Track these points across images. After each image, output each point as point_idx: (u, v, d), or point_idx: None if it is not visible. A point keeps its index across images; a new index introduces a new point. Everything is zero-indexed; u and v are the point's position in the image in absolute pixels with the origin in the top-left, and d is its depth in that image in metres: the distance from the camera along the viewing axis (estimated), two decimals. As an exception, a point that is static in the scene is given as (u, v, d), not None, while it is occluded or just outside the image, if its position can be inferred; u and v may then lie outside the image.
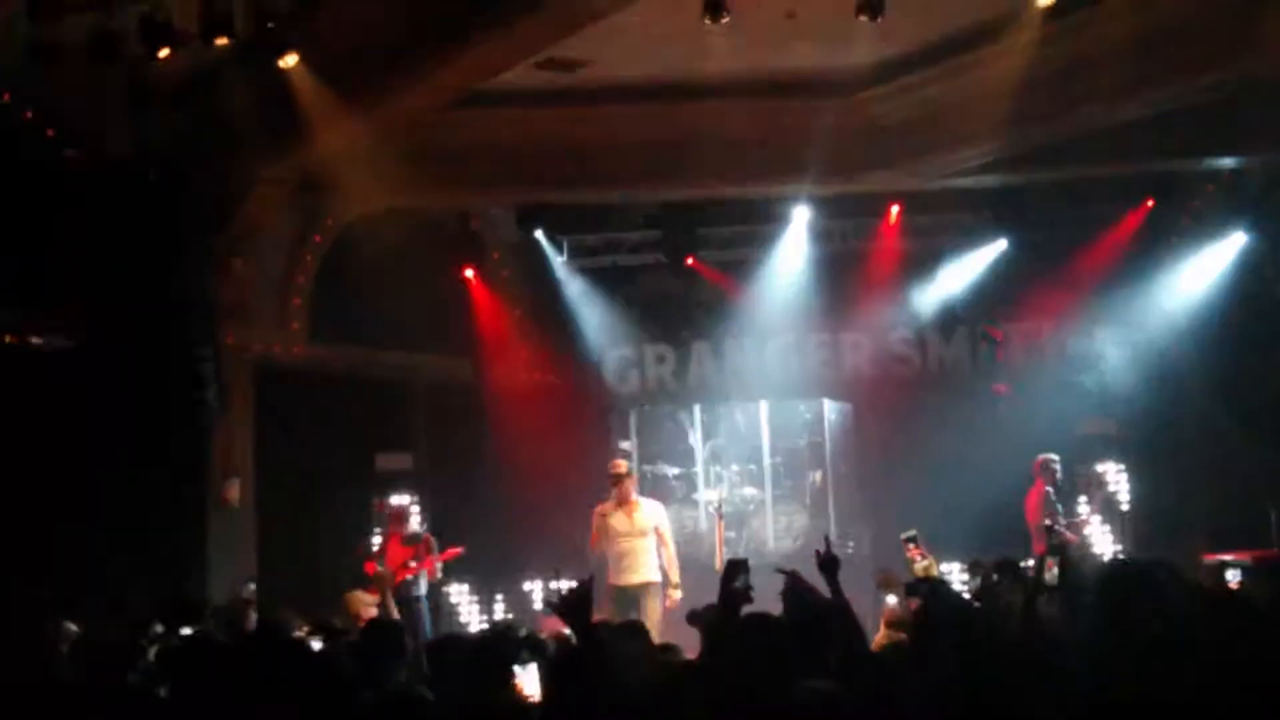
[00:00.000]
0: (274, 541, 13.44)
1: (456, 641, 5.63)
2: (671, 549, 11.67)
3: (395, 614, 12.07)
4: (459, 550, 12.83)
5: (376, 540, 13.77)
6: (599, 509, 11.77)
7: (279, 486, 13.64)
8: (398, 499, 14.19)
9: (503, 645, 5.26)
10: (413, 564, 12.38)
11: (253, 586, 10.99)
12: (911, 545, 10.21)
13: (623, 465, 12.21)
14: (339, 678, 5.07)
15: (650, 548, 11.54)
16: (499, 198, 15.20)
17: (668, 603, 11.27)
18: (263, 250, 13.74)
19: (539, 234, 15.64)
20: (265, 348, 13.88)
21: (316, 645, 7.83)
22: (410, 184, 13.26)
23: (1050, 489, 12.70)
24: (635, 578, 11.36)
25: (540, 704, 4.72)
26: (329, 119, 11.24)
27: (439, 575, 12.94)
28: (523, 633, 6.79)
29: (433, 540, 12.80)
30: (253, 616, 10.37)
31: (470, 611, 14.50)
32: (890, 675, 4.83)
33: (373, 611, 10.71)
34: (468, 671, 4.79)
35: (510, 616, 14.03)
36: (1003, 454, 13.04)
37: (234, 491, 13.20)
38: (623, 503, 11.60)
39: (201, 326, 12.79)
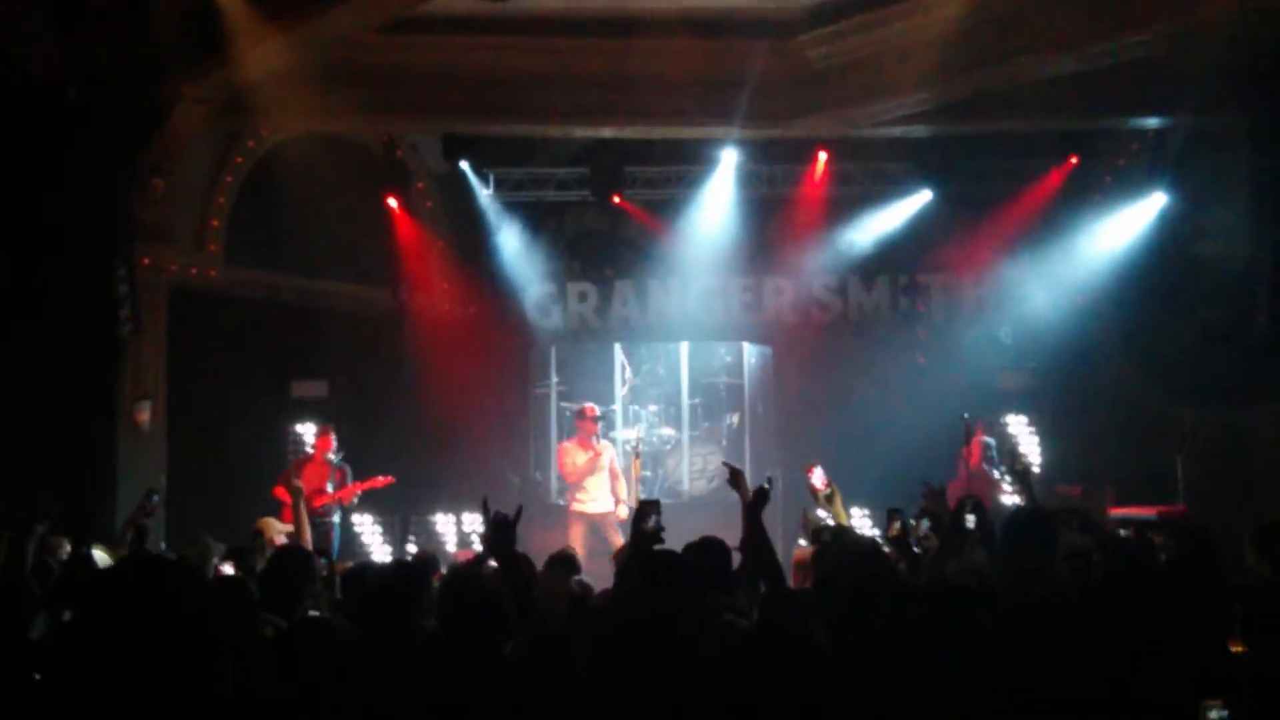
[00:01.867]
0: (186, 466, 13.28)
1: (373, 568, 5.60)
2: (622, 480, 12.92)
3: (308, 537, 12.04)
4: (389, 480, 12.83)
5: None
6: (563, 444, 13.41)
7: (192, 411, 13.45)
8: (311, 426, 14.13)
9: (418, 572, 5.23)
10: (330, 489, 12.37)
11: (156, 498, 10.80)
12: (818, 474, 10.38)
13: (588, 410, 13.23)
14: (246, 604, 5.02)
15: (606, 481, 12.83)
16: (425, 126, 15.00)
17: (614, 517, 12.50)
18: (183, 171, 13.44)
19: (465, 166, 15.47)
20: (182, 269, 13.62)
21: (229, 570, 7.78)
22: (334, 108, 13.05)
23: (990, 440, 12.91)
24: (595, 506, 12.68)
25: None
26: (253, 38, 11.04)
27: (354, 502, 12.94)
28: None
29: (347, 468, 12.78)
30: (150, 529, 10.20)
31: (377, 541, 14.41)
32: (802, 615, 4.87)
33: (284, 539, 10.61)
34: (383, 597, 4.77)
35: (421, 547, 13.97)
36: (918, 403, 13.21)
37: (145, 414, 12.98)
38: (584, 441, 12.97)
39: (118, 246, 12.53)
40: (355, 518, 14.12)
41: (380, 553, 14.21)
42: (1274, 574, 7.20)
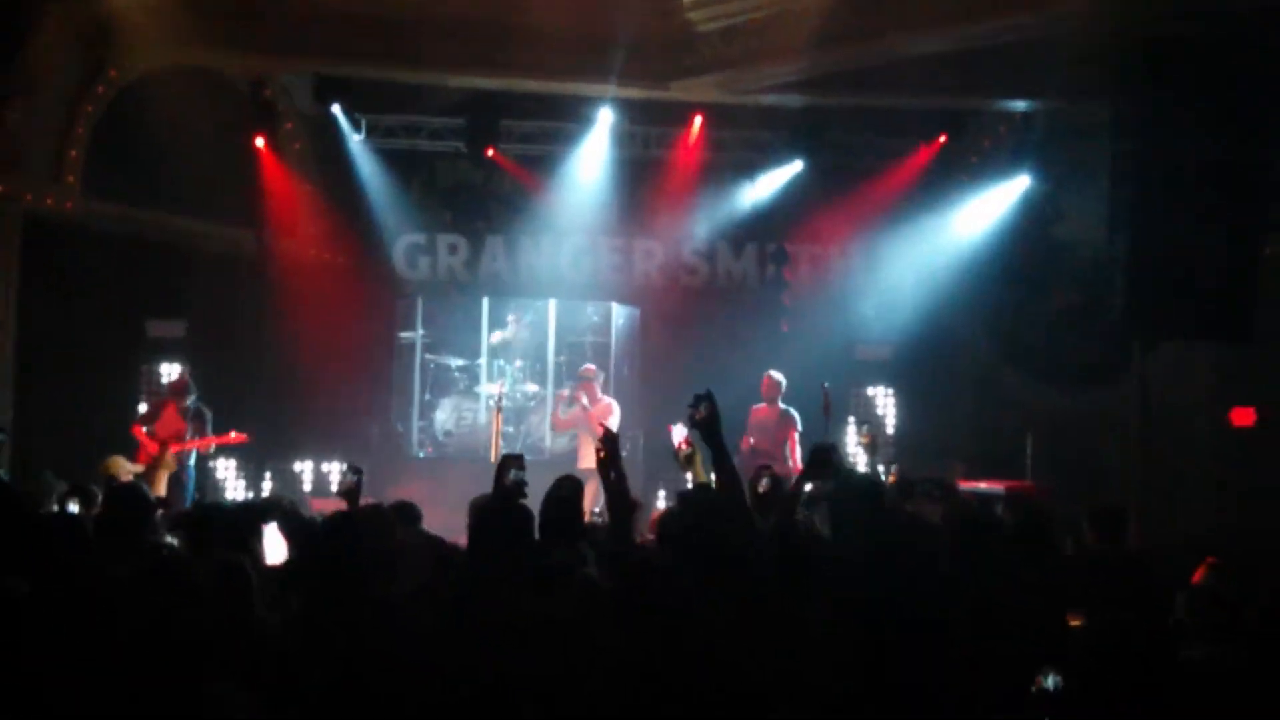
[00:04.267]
0: (35, 402, 12.92)
1: (214, 509, 5.53)
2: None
3: (162, 487, 11.83)
4: (243, 438, 12.62)
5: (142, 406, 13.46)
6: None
7: (43, 346, 13.07)
8: (169, 367, 13.88)
9: (254, 512, 5.17)
10: (189, 439, 12.16)
11: (2, 437, 10.51)
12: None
13: (587, 371, 13.54)
14: (81, 542, 4.92)
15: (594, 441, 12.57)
16: (295, 65, 14.64)
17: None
18: (42, 96, 13.00)
19: (336, 109, 15.17)
20: (37, 199, 13.18)
21: (74, 508, 7.61)
22: (201, 41, 12.76)
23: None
24: (581, 463, 12.50)
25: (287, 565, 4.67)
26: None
27: (210, 450, 12.73)
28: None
29: (207, 414, 12.55)
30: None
31: (237, 486, 14.20)
32: (648, 571, 4.89)
33: (130, 478, 10.41)
34: (220, 534, 4.71)
35: (275, 493, 13.79)
36: (781, 369, 13.31)
37: (-8, 346, 12.61)
38: (572, 403, 13.36)
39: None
40: (214, 462, 13.91)
41: (238, 494, 14.06)
42: (1107, 549, 7.46)
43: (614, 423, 12.31)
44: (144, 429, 12.27)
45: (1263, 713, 3.86)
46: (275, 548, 5.59)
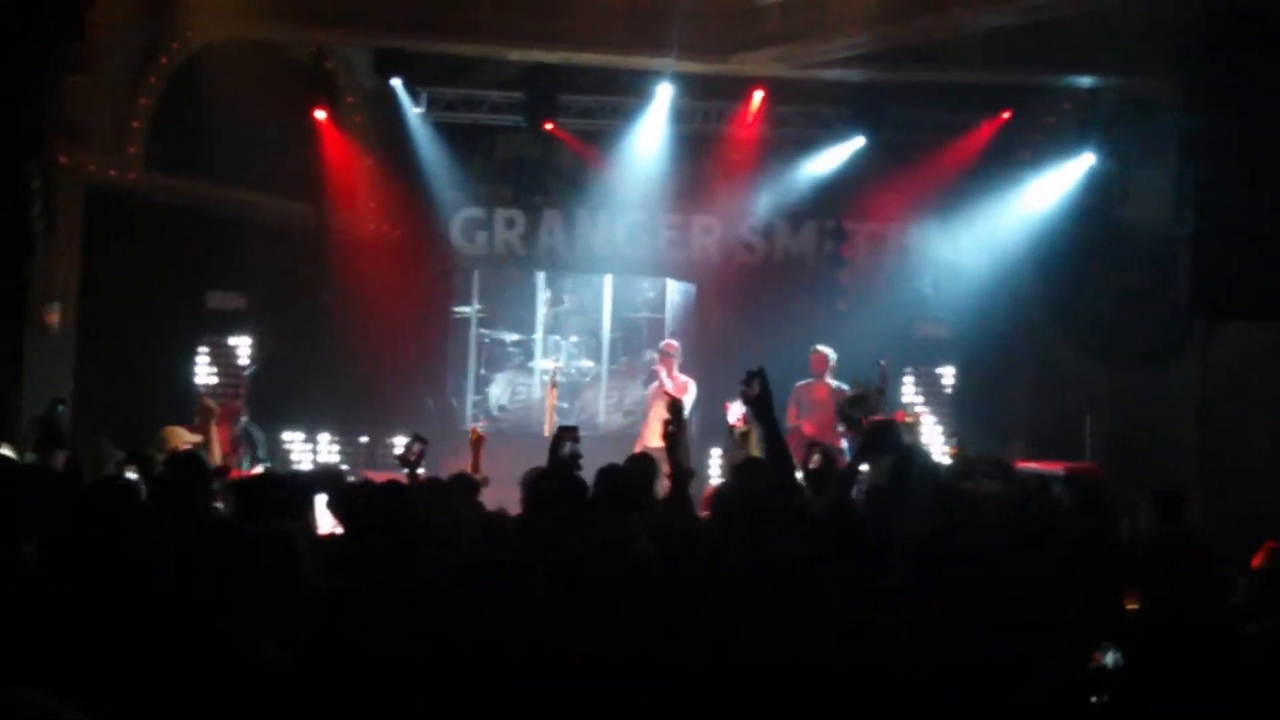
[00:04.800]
0: (95, 371, 13.04)
1: (261, 479, 5.57)
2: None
3: (218, 455, 11.93)
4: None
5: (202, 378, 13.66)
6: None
7: (104, 315, 13.20)
8: (237, 340, 14.01)
9: (305, 482, 5.18)
10: (237, 465, 12.30)
11: (62, 409, 10.61)
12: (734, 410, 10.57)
13: (668, 347, 13.39)
14: (133, 508, 4.94)
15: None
16: (355, 38, 14.65)
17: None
18: (105, 68, 13.09)
19: (396, 82, 15.19)
20: (100, 170, 13.29)
21: (131, 475, 7.68)
22: (261, 12, 12.81)
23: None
24: (651, 442, 12.06)
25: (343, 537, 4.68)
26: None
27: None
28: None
29: (256, 436, 12.72)
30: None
31: (302, 457, 14.29)
32: (698, 545, 4.87)
33: (188, 447, 10.48)
34: (269, 504, 4.72)
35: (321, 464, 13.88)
36: (838, 347, 13.22)
37: (54, 316, 12.72)
38: (652, 379, 13.19)
39: (32, 142, 12.18)
40: (284, 434, 14.05)
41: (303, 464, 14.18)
42: (1167, 531, 7.36)
43: (689, 401, 12.25)
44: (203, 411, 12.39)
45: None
46: (328, 518, 5.62)
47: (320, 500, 5.22)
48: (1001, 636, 3.98)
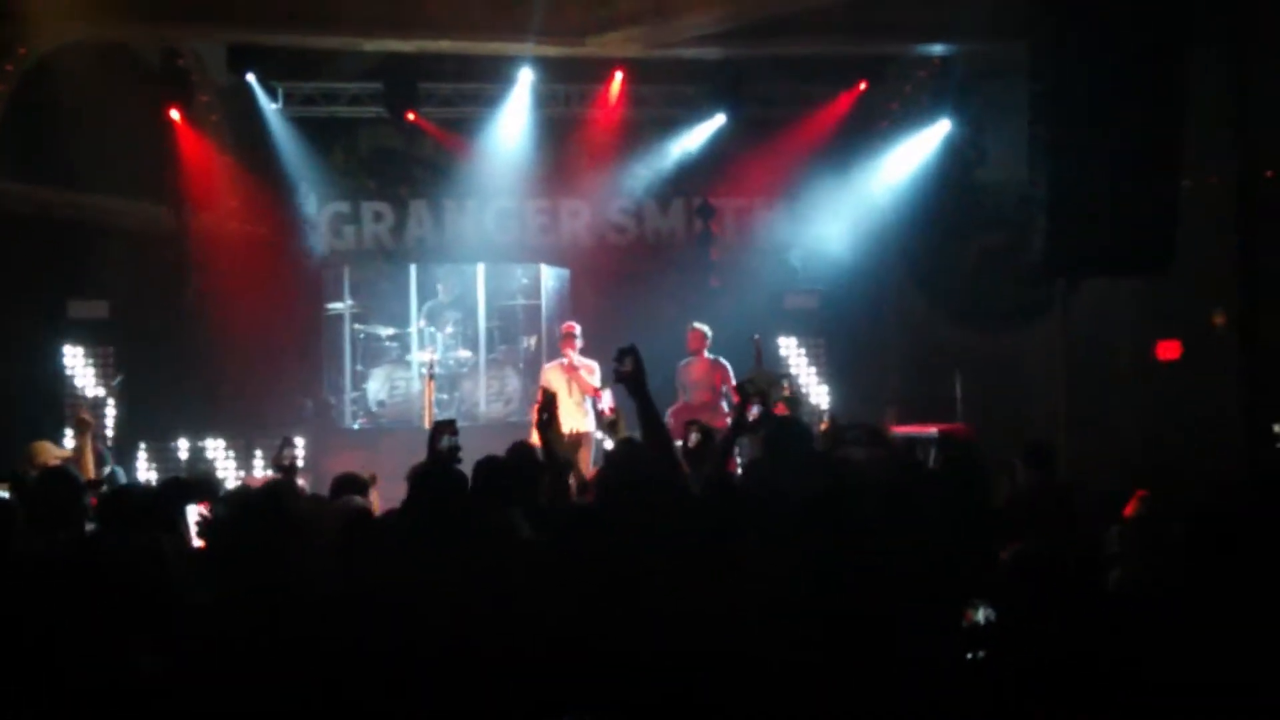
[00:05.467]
0: (-44, 390, 12.69)
1: (129, 491, 5.47)
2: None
3: (91, 468, 11.66)
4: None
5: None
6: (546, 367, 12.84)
7: (-41, 331, 12.85)
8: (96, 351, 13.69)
9: (172, 492, 5.11)
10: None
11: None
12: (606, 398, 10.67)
13: (568, 329, 12.62)
14: (8, 526, 4.83)
15: (582, 402, 12.21)
16: (205, 34, 14.31)
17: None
18: (-52, 77, 12.71)
19: (251, 78, 14.94)
20: (-53, 181, 12.92)
21: (3, 494, 7.49)
22: (109, 13, 12.46)
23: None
24: (568, 426, 11.72)
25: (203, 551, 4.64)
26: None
27: None
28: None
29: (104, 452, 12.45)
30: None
31: (159, 467, 13.96)
32: (586, 526, 4.90)
33: (57, 462, 10.24)
34: (137, 517, 4.65)
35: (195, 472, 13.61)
36: (712, 324, 13.33)
37: (-90, 333, 12.35)
38: (566, 369, 12.29)
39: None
40: (139, 443, 13.71)
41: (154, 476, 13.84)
42: (1036, 482, 7.57)
43: (597, 380, 12.12)
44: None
45: (1190, 633, 3.92)
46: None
47: (191, 510, 5.14)
48: (877, 598, 4.08)
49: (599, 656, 4.04)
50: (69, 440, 12.20)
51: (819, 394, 15.21)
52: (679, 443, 6.67)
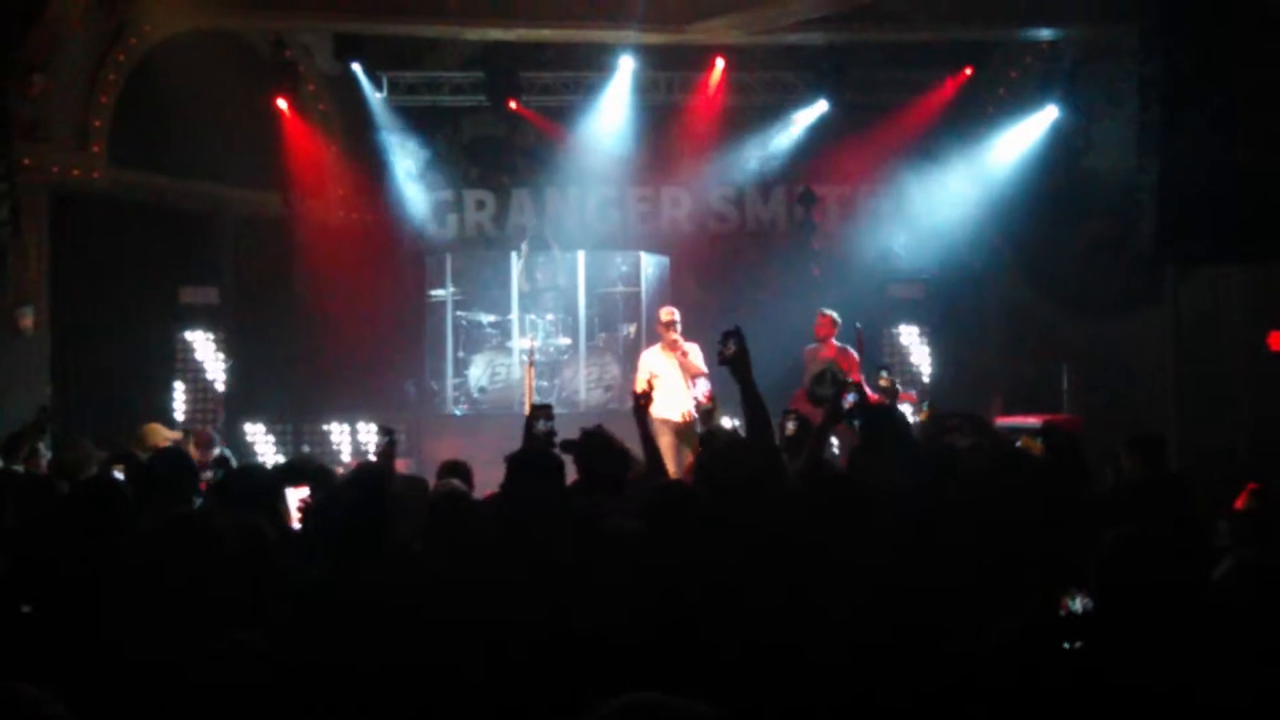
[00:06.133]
0: (71, 371, 13.00)
1: (237, 473, 5.58)
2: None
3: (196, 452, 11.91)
4: None
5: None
6: (646, 351, 12.24)
7: (77, 315, 13.15)
8: (202, 337, 13.96)
9: (278, 474, 5.19)
10: None
11: (45, 414, 10.60)
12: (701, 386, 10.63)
13: (665, 314, 12.11)
14: (120, 506, 4.94)
15: (678, 386, 11.74)
16: (313, 24, 14.57)
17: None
18: (63, 67, 12.99)
19: (357, 68, 15.14)
20: (64, 170, 13.20)
21: (118, 474, 7.66)
22: (219, 3, 12.74)
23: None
24: (662, 411, 11.40)
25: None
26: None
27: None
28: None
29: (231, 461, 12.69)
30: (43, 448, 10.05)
31: (268, 449, 14.22)
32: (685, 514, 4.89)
33: (168, 444, 10.46)
34: (242, 500, 4.73)
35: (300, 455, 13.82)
36: (814, 312, 13.23)
37: (27, 320, 12.66)
38: (668, 347, 11.83)
39: (-8, 145, 12.10)
40: (247, 427, 13.98)
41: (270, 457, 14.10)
42: (1146, 476, 7.41)
43: (701, 361, 11.66)
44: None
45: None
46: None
47: (292, 493, 5.22)
48: (970, 587, 4.03)
49: (689, 647, 4.04)
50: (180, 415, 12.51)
51: (923, 382, 15.06)
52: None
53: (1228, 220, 10.60)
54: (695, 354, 11.78)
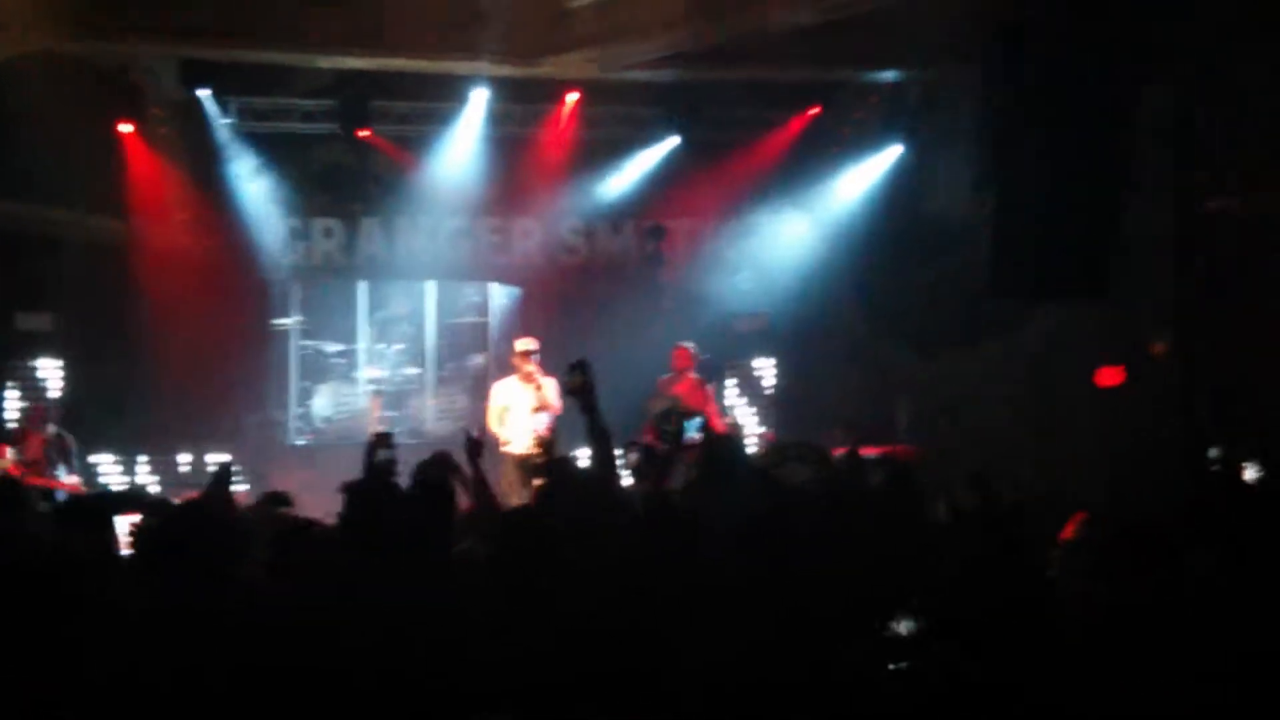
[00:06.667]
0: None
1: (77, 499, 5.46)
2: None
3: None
4: (76, 487, 12.42)
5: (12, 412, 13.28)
6: (499, 383, 12.38)
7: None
8: (44, 363, 13.61)
9: (107, 502, 5.10)
10: (49, 472, 12.05)
11: None
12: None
13: (524, 345, 12.25)
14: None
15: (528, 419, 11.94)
16: (158, 47, 14.25)
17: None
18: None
19: (204, 93, 14.90)
20: (-108, 193, 12.80)
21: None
22: (61, 25, 12.38)
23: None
24: (515, 448, 11.82)
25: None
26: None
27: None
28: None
29: (69, 444, 12.43)
30: None
31: (116, 479, 13.89)
32: (523, 538, 4.93)
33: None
34: (74, 524, 4.64)
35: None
36: (663, 345, 13.38)
37: None
38: (524, 378, 11.98)
39: None
40: (92, 458, 13.62)
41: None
42: (978, 506, 7.62)
43: (555, 397, 11.76)
44: (9, 450, 12.15)
45: (1115, 658, 3.99)
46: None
47: (121, 520, 5.13)
48: (808, 612, 4.12)
49: (531, 671, 4.06)
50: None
51: (767, 415, 15.30)
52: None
53: (1059, 259, 10.94)
54: (550, 388, 11.80)
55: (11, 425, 13.39)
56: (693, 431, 6.28)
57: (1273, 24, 11.22)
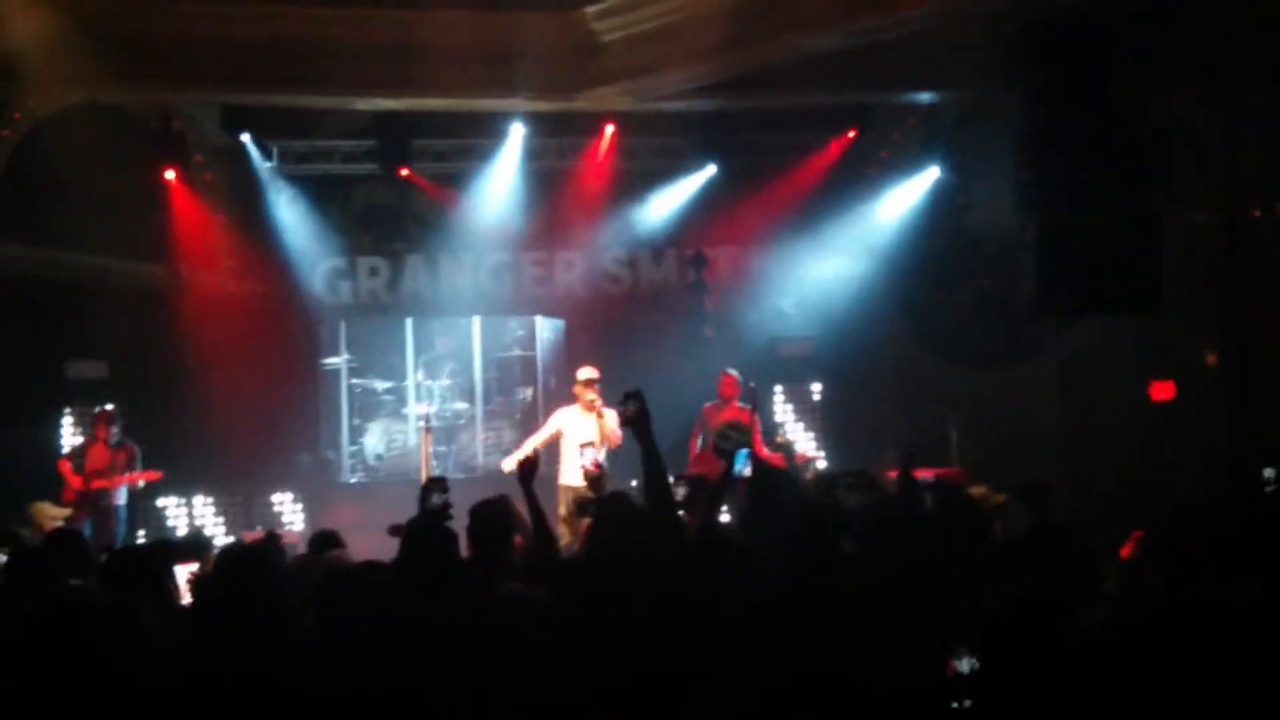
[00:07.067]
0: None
1: (127, 552, 5.52)
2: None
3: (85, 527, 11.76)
4: (157, 475, 12.77)
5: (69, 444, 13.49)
6: (561, 410, 11.84)
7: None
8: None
9: (162, 552, 5.15)
10: (115, 474, 12.25)
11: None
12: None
13: (586, 374, 11.77)
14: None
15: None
16: (200, 96, 14.48)
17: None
18: (-56, 144, 12.84)
19: (246, 138, 15.10)
20: (-55, 246, 13.01)
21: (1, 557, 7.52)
22: (103, 76, 12.58)
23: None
24: (567, 478, 11.31)
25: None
26: (18, 3, 10.57)
27: (140, 486, 12.76)
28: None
29: (135, 449, 12.63)
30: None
31: (179, 519, 13.99)
32: (583, 580, 4.94)
33: (58, 523, 10.32)
34: (127, 577, 4.69)
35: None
36: (708, 372, 13.37)
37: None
38: (587, 407, 11.50)
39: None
40: (159, 500, 13.75)
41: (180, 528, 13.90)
42: (1032, 525, 7.56)
43: (617, 426, 11.07)
44: (69, 464, 12.36)
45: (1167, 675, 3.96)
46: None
47: (181, 570, 5.18)
48: (861, 645, 4.11)
49: (588, 714, 4.07)
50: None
51: (817, 439, 15.25)
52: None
53: (1103, 275, 10.91)
54: (611, 419, 11.28)
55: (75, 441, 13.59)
56: (741, 464, 6.26)
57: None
